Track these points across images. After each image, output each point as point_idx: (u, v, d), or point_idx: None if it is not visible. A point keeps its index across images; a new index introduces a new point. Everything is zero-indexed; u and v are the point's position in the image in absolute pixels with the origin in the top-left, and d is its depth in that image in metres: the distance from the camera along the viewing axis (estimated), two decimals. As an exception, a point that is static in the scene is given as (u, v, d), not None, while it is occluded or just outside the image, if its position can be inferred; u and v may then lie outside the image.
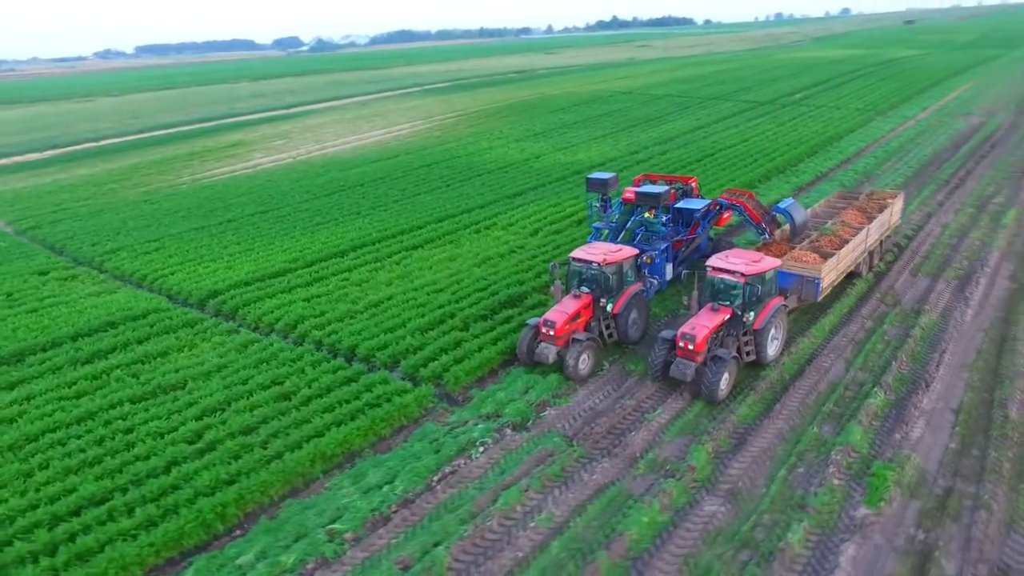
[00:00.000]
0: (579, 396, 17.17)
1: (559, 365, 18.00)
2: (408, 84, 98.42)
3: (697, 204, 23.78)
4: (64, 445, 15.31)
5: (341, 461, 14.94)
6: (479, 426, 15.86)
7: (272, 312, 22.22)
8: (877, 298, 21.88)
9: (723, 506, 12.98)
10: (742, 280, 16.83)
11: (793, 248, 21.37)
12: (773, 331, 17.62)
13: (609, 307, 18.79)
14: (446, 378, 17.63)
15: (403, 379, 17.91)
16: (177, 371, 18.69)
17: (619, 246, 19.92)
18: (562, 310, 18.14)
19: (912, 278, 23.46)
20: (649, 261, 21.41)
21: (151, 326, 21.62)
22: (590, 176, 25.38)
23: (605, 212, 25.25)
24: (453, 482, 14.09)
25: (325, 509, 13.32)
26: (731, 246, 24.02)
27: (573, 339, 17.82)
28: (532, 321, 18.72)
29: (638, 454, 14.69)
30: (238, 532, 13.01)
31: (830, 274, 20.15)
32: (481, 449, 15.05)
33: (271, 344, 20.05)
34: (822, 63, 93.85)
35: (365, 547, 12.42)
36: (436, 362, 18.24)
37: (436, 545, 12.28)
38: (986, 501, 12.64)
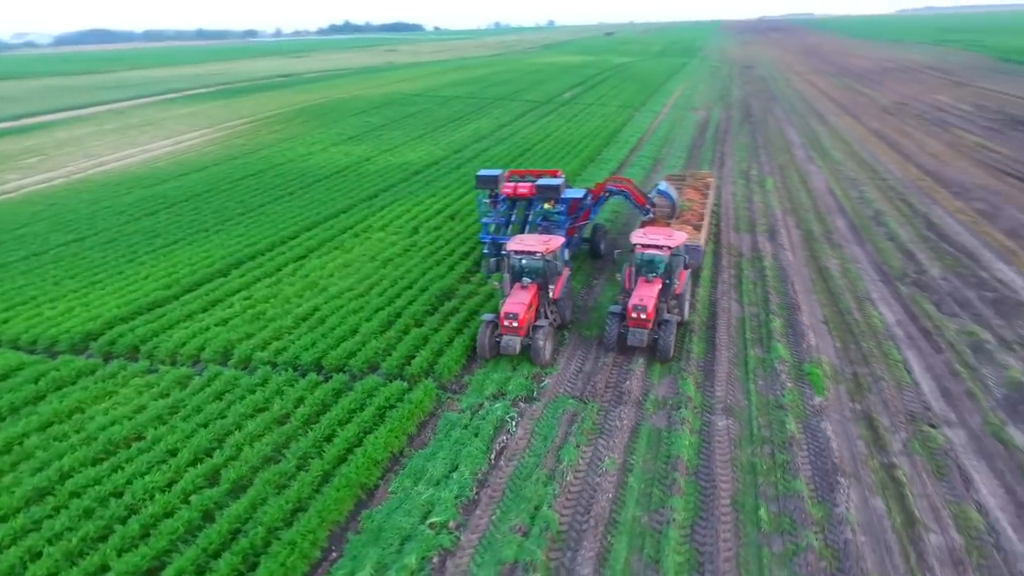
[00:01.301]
0: (562, 364, 18.99)
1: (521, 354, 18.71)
2: (160, 90, 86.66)
3: (576, 193, 26.82)
4: (39, 529, 12.40)
5: (388, 465, 14.69)
6: (496, 405, 16.78)
7: (187, 343, 19.68)
8: (726, 252, 27.46)
9: (728, 419, 16.12)
10: (668, 253, 19.60)
11: (668, 224, 25.67)
12: (687, 294, 21.27)
13: (550, 293, 20.52)
14: (437, 371, 18.01)
15: (389, 380, 17.74)
16: (114, 423, 15.87)
17: (547, 236, 21.82)
18: (519, 301, 18.71)
19: (738, 235, 29.76)
20: None
21: (34, 383, 17.61)
22: (480, 173, 26.78)
23: (495, 207, 26.91)
24: (510, 456, 14.98)
25: (410, 509, 13.24)
26: (604, 228, 27.65)
27: (534, 327, 18.81)
28: (488, 317, 19.04)
29: (641, 397, 17.15)
30: (334, 554, 12.31)
31: (704, 242, 24.86)
32: (514, 424, 16.06)
33: (218, 374, 17.98)
34: (569, 67, 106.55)
35: (474, 529, 12.84)
36: (417, 358, 18.38)
37: (537, 508, 13.24)
38: (879, 375, 17.79)
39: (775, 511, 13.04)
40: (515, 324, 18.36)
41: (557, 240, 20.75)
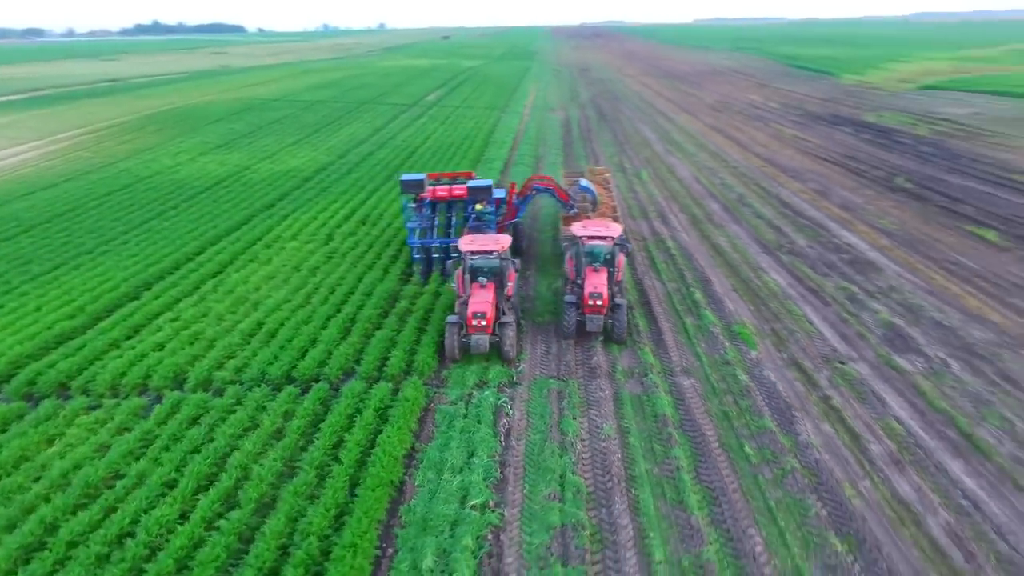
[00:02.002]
0: (529, 349, 20.13)
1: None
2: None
3: (500, 193, 27.72)
4: (53, 584, 11.08)
5: (404, 461, 14.87)
6: (485, 393, 17.53)
7: (127, 372, 17.99)
8: (632, 238, 30.20)
9: (690, 379, 18.34)
10: (611, 243, 21.17)
11: (589, 216, 27.63)
12: (625, 279, 23.13)
13: (506, 290, 21.23)
14: (416, 369, 18.31)
15: (371, 383, 17.68)
16: (79, 466, 14.32)
17: (495, 235, 22.68)
18: (484, 300, 18.94)
19: (635, 221, 32.81)
20: None
21: (-48, 437, 15.13)
22: (404, 178, 26.97)
23: (420, 211, 27.15)
24: (517, 436, 15.88)
25: (446, 496, 13.67)
26: (523, 226, 29.00)
27: (500, 323, 19.10)
28: (452, 318, 19.10)
29: (610, 370, 18.86)
30: (389, 550, 12.43)
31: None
32: (509, 407, 16.95)
33: (181, 400, 16.74)
34: (422, 71, 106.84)
35: (512, 504, 13.63)
36: (392, 359, 18.51)
37: (562, 476, 14.33)
38: (791, 328, 21.15)
39: (756, 446, 15.34)
40: (483, 323, 18.59)
41: (506, 238, 21.55)
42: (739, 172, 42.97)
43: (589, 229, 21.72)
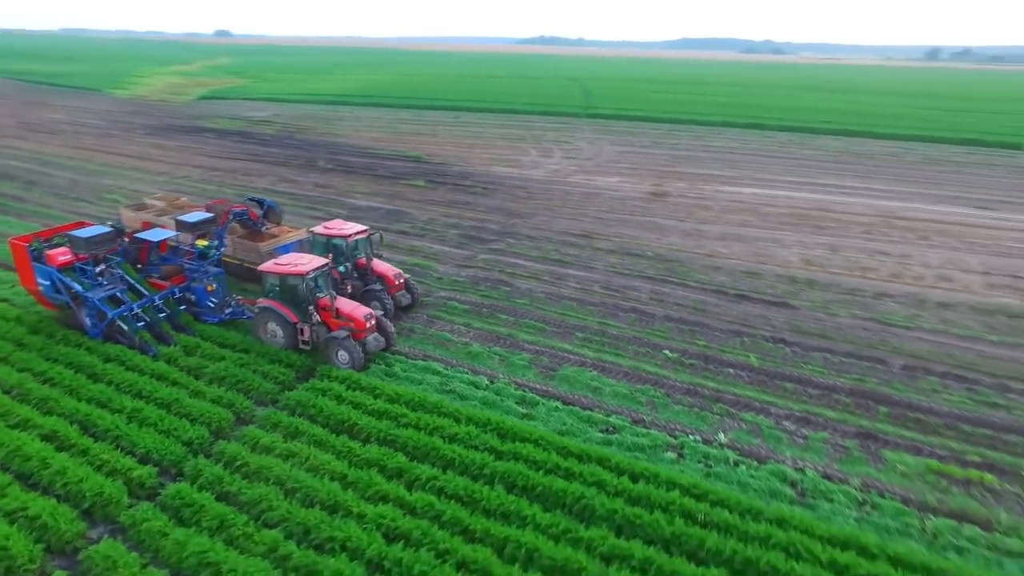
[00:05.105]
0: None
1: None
2: None
3: (164, 234, 23.13)
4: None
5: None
6: (384, 355, 20.32)
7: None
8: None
9: (471, 296, 25.91)
10: (368, 234, 23.44)
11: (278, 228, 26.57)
12: None
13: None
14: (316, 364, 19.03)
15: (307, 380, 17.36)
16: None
17: (298, 253, 21.53)
18: (356, 304, 19.90)
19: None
20: (212, 289, 21.61)
21: None
22: (85, 235, 20.12)
23: (110, 274, 20.99)
24: (454, 353, 20.43)
25: (484, 394, 17.99)
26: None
27: (378, 319, 20.22)
28: (340, 334, 19.02)
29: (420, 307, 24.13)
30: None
31: None
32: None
33: (155, 506, 12.89)
34: None
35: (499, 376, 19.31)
36: (278, 374, 18.32)
37: (506, 357, 20.58)
38: (439, 257, 30.72)
39: (552, 315, 24.76)
40: (374, 322, 19.82)
41: (314, 255, 21.24)
42: (209, 180, 44.47)
43: (342, 229, 23.15)
